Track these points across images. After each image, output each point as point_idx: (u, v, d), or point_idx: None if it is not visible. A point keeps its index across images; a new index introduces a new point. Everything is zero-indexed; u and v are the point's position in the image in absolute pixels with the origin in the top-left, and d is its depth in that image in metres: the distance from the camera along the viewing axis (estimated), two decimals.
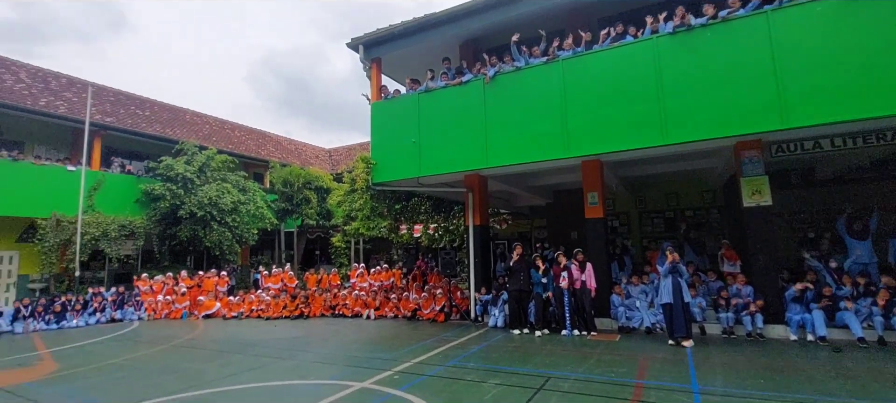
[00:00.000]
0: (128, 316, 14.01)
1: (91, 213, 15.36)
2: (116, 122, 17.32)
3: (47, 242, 14.40)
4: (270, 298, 13.93)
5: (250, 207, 18.81)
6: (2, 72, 15.92)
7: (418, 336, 9.18)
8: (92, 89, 15.98)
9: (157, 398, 5.57)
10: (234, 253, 18.41)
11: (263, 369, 6.93)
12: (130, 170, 17.88)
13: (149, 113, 20.20)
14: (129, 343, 9.87)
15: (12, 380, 6.73)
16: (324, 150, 31.62)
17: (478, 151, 9.13)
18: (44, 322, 12.45)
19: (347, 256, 20.94)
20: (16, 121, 15.25)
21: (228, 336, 10.36)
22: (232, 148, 21.49)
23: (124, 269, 17.68)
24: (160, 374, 6.91)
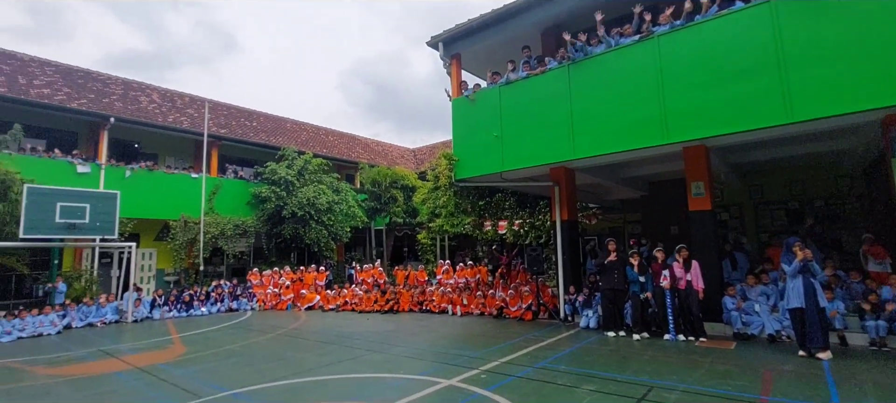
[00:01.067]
0: (242, 306, 15.58)
1: (211, 215, 17.35)
2: (229, 133, 19.38)
3: (177, 240, 16.53)
4: (363, 293, 14.60)
5: (343, 206, 19.95)
6: (138, 94, 18.62)
7: (505, 334, 8.97)
8: (208, 105, 18.05)
9: (263, 383, 6.03)
10: (331, 249, 19.67)
11: (357, 360, 7.21)
12: (242, 176, 19.92)
13: (256, 124, 22.34)
14: (243, 331, 10.92)
15: (149, 361, 7.76)
16: (409, 150, 32.59)
17: (563, 143, 8.66)
18: (176, 310, 14.29)
19: (434, 253, 21.32)
20: (151, 136, 17.75)
21: (326, 327, 11.01)
22: (326, 151, 22.98)
23: (239, 264, 19.76)
24: (267, 361, 7.51)
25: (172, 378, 6.51)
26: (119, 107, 16.59)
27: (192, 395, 5.64)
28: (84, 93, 16.18)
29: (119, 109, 16.35)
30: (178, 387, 6.02)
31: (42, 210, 11.47)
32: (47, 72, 16.32)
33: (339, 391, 5.58)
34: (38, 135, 15.25)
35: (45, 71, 16.39)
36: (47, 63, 17.06)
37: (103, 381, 6.54)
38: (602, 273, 8.71)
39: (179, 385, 6.15)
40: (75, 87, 16.30)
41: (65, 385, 6.38)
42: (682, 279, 7.86)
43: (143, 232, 16.99)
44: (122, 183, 15.14)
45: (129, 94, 18.15)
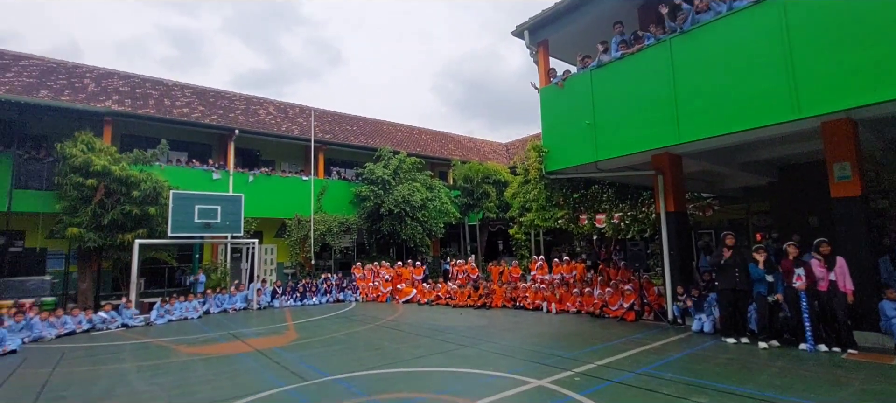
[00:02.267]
0: (347, 298, 16.73)
1: (319, 213, 18.91)
2: (333, 138, 20.94)
3: (292, 237, 18.29)
4: (457, 287, 14.79)
5: (436, 203, 20.43)
6: (257, 108, 20.95)
7: (603, 335, 8.40)
8: (314, 113, 19.65)
9: (360, 371, 6.35)
10: (426, 245, 20.29)
11: (448, 354, 7.27)
12: (345, 177, 21.43)
13: (356, 127, 23.85)
14: (347, 321, 11.70)
15: (267, 345, 8.64)
16: (501, 145, 32.31)
17: (666, 126, 7.81)
18: (293, 299, 15.83)
19: (528, 248, 20.87)
20: (268, 144, 19.88)
21: (421, 320, 11.34)
22: (419, 150, 23.72)
23: (345, 259, 21.29)
24: (366, 350, 7.93)
25: (284, 361, 7.17)
26: (242, 120, 18.83)
27: (299, 378, 6.13)
28: (215, 110, 18.65)
29: (242, 122, 18.55)
30: (288, 370, 6.60)
31: (184, 212, 13.45)
32: (186, 94, 19.13)
33: (430, 383, 5.66)
34: (181, 148, 17.92)
35: (185, 93, 19.22)
36: (187, 86, 20.00)
37: (230, 361, 7.43)
38: (719, 271, 7.71)
39: (289, 368, 6.75)
40: (208, 105, 18.85)
41: (201, 363, 7.37)
42: (824, 279, 6.64)
43: (265, 229, 19.06)
44: (246, 186, 17.17)
45: (250, 108, 20.51)
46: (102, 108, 14.98)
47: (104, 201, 13.08)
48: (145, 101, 16.93)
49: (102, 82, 17.04)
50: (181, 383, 6.18)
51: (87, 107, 14.65)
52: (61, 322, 10.76)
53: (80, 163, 12.87)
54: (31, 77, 15.30)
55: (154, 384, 6.19)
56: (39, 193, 13.62)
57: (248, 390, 5.70)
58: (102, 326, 11.39)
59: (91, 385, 6.25)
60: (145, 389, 5.94)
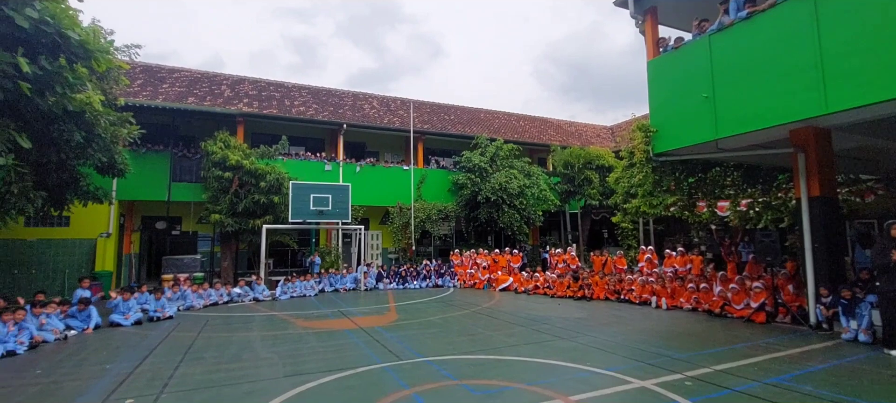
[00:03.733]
0: (446, 283, 17.14)
1: (419, 201, 19.60)
2: (431, 128, 21.48)
3: (395, 224, 19.24)
4: (556, 277, 14.28)
5: (534, 190, 19.89)
6: (363, 103, 22.29)
7: (724, 337, 7.43)
8: (413, 105, 20.31)
9: (453, 355, 6.42)
10: (524, 233, 19.92)
11: (542, 345, 7.02)
12: (443, 165, 21.88)
13: (454, 116, 24.17)
14: (444, 305, 11.97)
15: (370, 324, 9.19)
16: (605, 128, 30.33)
17: (810, 94, 6.53)
18: (395, 283, 16.68)
19: (636, 238, 19.36)
20: (373, 136, 21.09)
21: (517, 308, 11.15)
22: (517, 137, 23.26)
23: (444, 245, 21.84)
24: (460, 335, 8.01)
25: (383, 340, 7.54)
26: (349, 115, 20.20)
27: (395, 357, 6.40)
28: (326, 107, 20.27)
29: (349, 117, 19.91)
30: (386, 349, 6.92)
31: (301, 200, 14.88)
32: (303, 94, 21.06)
33: (521, 373, 5.50)
34: (298, 142, 19.82)
35: (302, 93, 21.17)
36: (303, 87, 22.01)
37: (338, 336, 8.04)
38: (883, 271, 6.30)
39: (387, 346, 7.08)
40: (321, 103, 20.56)
41: (312, 336, 8.09)
42: None
43: (372, 216, 20.33)
44: (354, 176, 18.44)
45: (357, 104, 21.92)
46: (235, 111, 17.17)
47: (238, 191, 15.03)
48: (269, 102, 19.01)
49: (236, 88, 19.52)
50: (295, 352, 6.84)
51: (223, 110, 16.93)
52: (207, 294, 12.64)
53: (219, 159, 14.92)
54: (182, 87, 18.10)
55: (273, 351, 6.93)
56: (190, 185, 16.11)
57: (350, 364, 6.09)
58: (238, 299, 13.14)
59: (224, 349, 7.21)
60: (266, 356, 6.68)
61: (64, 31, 6.94)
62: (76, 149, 9.20)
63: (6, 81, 6.16)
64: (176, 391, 5.12)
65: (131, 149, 13.98)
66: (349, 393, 4.94)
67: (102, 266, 14.62)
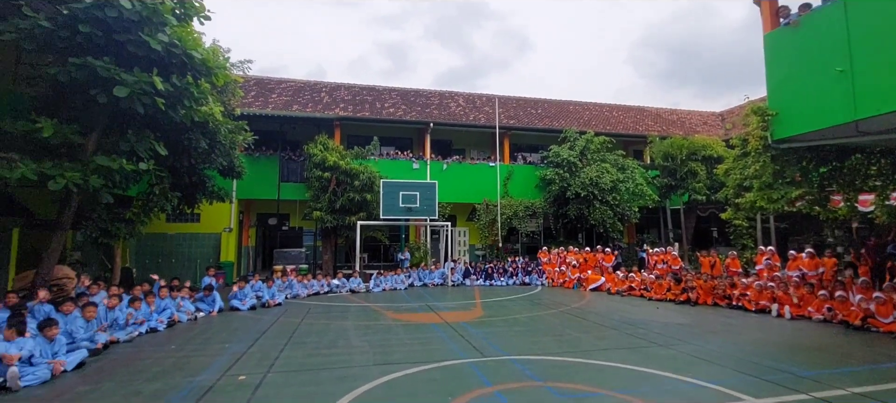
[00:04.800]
0: (533, 281, 16.77)
1: (505, 198, 19.41)
2: (517, 123, 21.14)
3: (481, 221, 19.27)
4: (654, 278, 13.23)
5: (629, 185, 18.62)
6: (449, 101, 22.63)
7: (865, 354, 6.28)
8: (498, 101, 20.14)
9: (538, 355, 6.24)
10: (618, 230, 18.76)
11: (635, 350, 6.54)
12: (530, 161, 21.43)
13: (541, 111, 23.54)
14: (530, 304, 11.72)
15: (456, 319, 9.30)
16: (714, 115, 27.41)
17: None
18: (482, 279, 16.71)
19: (752, 237, 17.22)
20: (458, 134, 21.32)
21: (609, 310, 10.53)
22: (609, 129, 21.97)
23: (532, 243, 21.38)
24: (545, 334, 7.77)
25: (468, 336, 7.58)
26: (436, 114, 20.64)
27: (479, 353, 6.39)
28: (414, 108, 20.93)
29: (436, 116, 20.34)
30: (470, 344, 6.95)
31: (391, 198, 15.55)
32: (393, 96, 21.98)
33: (611, 379, 5.16)
34: (389, 143, 20.71)
35: (391, 95, 22.11)
36: (393, 89, 22.98)
37: (424, 329, 8.26)
38: None
39: (471, 342, 7.10)
40: (409, 104, 21.28)
41: (401, 328, 8.40)
42: None
43: (459, 213, 20.59)
44: (441, 174, 18.82)
45: (443, 103, 22.32)
46: (332, 115, 18.46)
47: (336, 190, 16.15)
48: (362, 106, 20.14)
49: (333, 94, 20.98)
50: (384, 343, 7.16)
51: (322, 115, 18.31)
52: (310, 284, 13.76)
53: (319, 160, 16.16)
54: (287, 96, 19.91)
55: (365, 340, 7.32)
56: (296, 185, 17.67)
57: (435, 357, 6.21)
58: (336, 290, 14.12)
59: (323, 335, 7.78)
60: (358, 344, 7.08)
61: (189, 52, 8.00)
62: (202, 154, 10.58)
63: (145, 98, 7.28)
64: (281, 371, 5.64)
65: (247, 154, 15.75)
66: (432, 386, 5.03)
67: (226, 257, 16.66)
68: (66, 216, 8.24)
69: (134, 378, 5.35)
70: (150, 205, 10.18)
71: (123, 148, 7.99)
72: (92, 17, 6.96)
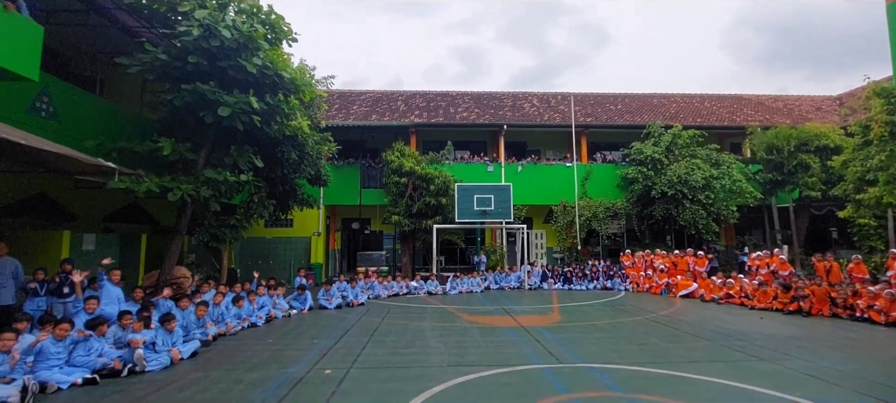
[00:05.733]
0: (616, 286, 15.94)
1: (584, 199, 18.69)
2: (595, 121, 20.26)
3: (559, 223, 18.74)
4: (757, 285, 11.93)
5: (725, 181, 16.98)
6: (522, 103, 22.32)
7: None
8: (574, 98, 19.49)
9: (619, 364, 5.93)
10: (712, 232, 17.19)
11: (732, 364, 5.96)
12: (610, 159, 20.42)
13: (620, 106, 22.35)
14: (612, 309, 11.15)
15: (531, 323, 9.14)
16: (829, 99, 24.10)
17: None
18: (560, 283, 16.24)
19: (882, 238, 14.84)
20: (533, 135, 20.95)
21: (703, 319, 9.70)
22: (700, 121, 20.24)
23: (614, 245, 20.37)
24: (629, 342, 7.36)
25: (544, 341, 7.42)
26: (509, 115, 20.48)
27: (555, 360, 6.23)
28: (487, 111, 20.96)
29: (509, 117, 20.18)
30: (546, 350, 6.79)
31: (466, 201, 15.71)
32: (466, 100, 22.21)
33: (702, 394, 4.76)
34: (463, 146, 20.89)
35: (465, 100, 22.34)
36: (466, 94, 23.21)
37: (498, 332, 8.24)
38: None
39: (547, 348, 6.94)
40: (482, 107, 21.35)
41: (475, 330, 8.45)
42: None
43: (535, 215, 20.22)
44: (515, 176, 18.63)
45: (516, 104, 22.09)
46: (408, 122, 19.12)
47: (412, 194, 16.68)
48: (436, 112, 20.60)
49: (409, 102, 21.72)
50: (459, 344, 7.25)
51: (398, 123, 19.04)
52: (390, 286, 14.34)
53: (396, 166, 16.80)
54: (367, 106, 20.97)
55: (441, 341, 7.48)
56: (375, 191, 18.54)
57: (510, 361, 6.16)
58: (415, 291, 14.56)
59: (401, 334, 8.08)
60: (434, 345, 7.25)
61: (280, 72, 8.80)
62: (293, 165, 11.53)
63: (244, 116, 8.13)
64: (362, 367, 5.95)
65: (331, 163, 16.86)
66: (506, 390, 5.00)
67: (315, 258, 17.94)
68: (183, 223, 9.44)
69: (237, 368, 5.98)
70: (250, 212, 11.31)
71: (227, 162, 8.99)
72: (199, 48, 7.93)
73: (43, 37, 6.68)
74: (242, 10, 8.98)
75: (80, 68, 10.97)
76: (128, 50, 8.99)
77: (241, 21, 8.35)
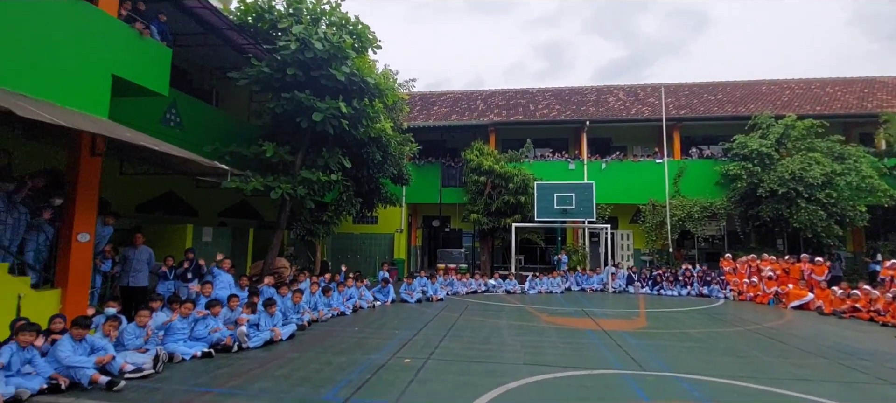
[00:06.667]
0: (714, 293, 14.59)
1: (676, 198, 17.36)
2: (690, 113, 18.68)
3: (647, 223, 17.60)
4: (890, 298, 10.26)
5: (851, 178, 14.75)
6: (607, 96, 21.25)
7: None
8: (665, 90, 18.14)
9: (711, 376, 5.50)
10: (834, 235, 15.03)
11: (851, 385, 5.24)
12: (708, 154, 18.71)
13: (721, 96, 20.36)
14: (708, 318, 10.27)
15: (613, 327, 8.74)
16: None
17: None
18: (648, 287, 15.26)
19: None
20: (618, 130, 19.85)
21: (818, 334, 8.57)
22: (820, 109, 17.75)
23: (712, 248, 18.65)
24: (725, 354, 6.77)
25: (626, 346, 7.09)
26: (592, 111, 19.64)
27: (638, 366, 5.93)
28: (568, 106, 20.29)
29: (592, 113, 19.35)
30: (629, 356, 6.48)
31: (546, 200, 15.40)
32: (546, 97, 21.70)
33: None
34: (543, 144, 20.45)
35: (545, 96, 21.84)
36: (546, 90, 22.68)
37: (578, 335, 8.01)
38: None
39: (630, 353, 6.62)
40: (563, 103, 20.72)
41: (554, 331, 8.30)
42: None
43: (620, 215, 19.20)
44: (599, 174, 17.85)
45: (600, 98, 21.11)
46: (487, 121, 19.17)
47: (491, 193, 16.73)
48: (516, 109, 20.41)
49: (488, 101, 21.77)
50: (536, 344, 7.19)
51: (477, 122, 19.17)
52: (469, 283, 14.54)
53: (475, 165, 16.96)
54: (447, 107, 21.39)
55: (517, 340, 7.47)
56: (455, 189, 18.87)
57: (587, 364, 6.00)
58: (493, 290, 14.61)
59: (478, 331, 8.19)
60: (510, 342, 7.26)
61: (365, 79, 9.37)
62: (377, 165, 12.18)
63: (334, 121, 8.80)
64: (440, 358, 6.17)
65: (412, 162, 17.48)
66: (583, 392, 4.89)
67: (398, 254, 18.75)
68: (283, 218, 10.44)
69: (327, 351, 6.51)
70: (340, 210, 12.17)
71: (320, 163, 9.78)
72: (296, 60, 8.73)
73: (171, 58, 7.81)
74: (333, 22, 9.72)
75: (199, 83, 12.59)
76: (237, 65, 10.17)
77: (331, 33, 9.05)
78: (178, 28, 9.47)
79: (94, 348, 5.01)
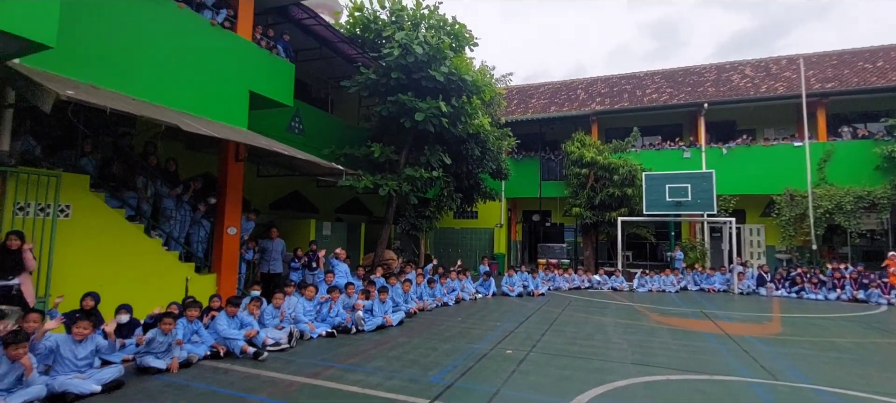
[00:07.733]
0: (873, 299, 12.28)
1: (822, 186, 14.94)
2: (838, 86, 15.84)
3: (783, 216, 15.39)
4: None
5: None
6: (730, 74, 18.92)
7: None
8: (804, 60, 15.64)
9: (861, 391, 4.73)
10: None
11: None
12: (865, 134, 15.75)
13: (882, 62, 16.94)
14: (863, 326, 8.72)
15: (740, 332, 7.87)
16: None
17: None
18: (785, 289, 13.37)
19: None
20: (745, 111, 17.56)
21: None
22: None
23: (871, 246, 15.72)
24: (880, 368, 5.79)
25: (755, 352, 6.37)
26: (712, 92, 17.67)
27: (769, 375, 5.32)
28: (682, 89, 18.51)
29: (712, 94, 17.41)
30: (758, 363, 5.83)
31: (656, 191, 14.29)
32: (655, 80, 20.04)
33: None
34: (652, 132, 18.95)
35: (654, 79, 20.18)
36: (655, 73, 20.94)
37: (695, 337, 7.38)
38: None
39: (760, 361, 5.94)
40: (675, 86, 18.96)
41: (666, 332, 7.75)
42: None
43: (749, 207, 17.09)
44: (720, 161, 16.05)
45: (721, 77, 18.90)
46: (588, 111, 18.33)
47: (594, 186, 16.02)
48: (620, 96, 19.21)
49: (589, 89, 20.80)
50: (645, 343, 6.80)
51: (578, 113, 18.43)
52: (571, 278, 14.14)
53: (576, 157, 16.36)
54: (545, 99, 20.89)
55: (623, 338, 7.13)
56: (555, 183, 18.41)
57: (705, 368, 5.54)
58: (597, 286, 14.02)
59: (581, 327, 7.98)
60: (616, 341, 6.96)
61: (463, 77, 9.64)
62: (476, 161, 12.44)
63: (434, 120, 9.21)
64: (542, 352, 6.17)
65: (511, 157, 17.45)
66: (700, 397, 4.54)
67: (498, 248, 18.90)
68: (390, 214, 11.21)
69: (433, 338, 6.89)
70: (441, 205, 12.69)
71: (422, 161, 10.31)
72: (398, 64, 9.31)
73: (295, 72, 8.86)
74: (431, 25, 10.15)
75: (317, 93, 14.02)
76: (348, 74, 11.16)
77: (430, 35, 9.49)
78: (298, 45, 10.67)
79: (243, 323, 5.95)
